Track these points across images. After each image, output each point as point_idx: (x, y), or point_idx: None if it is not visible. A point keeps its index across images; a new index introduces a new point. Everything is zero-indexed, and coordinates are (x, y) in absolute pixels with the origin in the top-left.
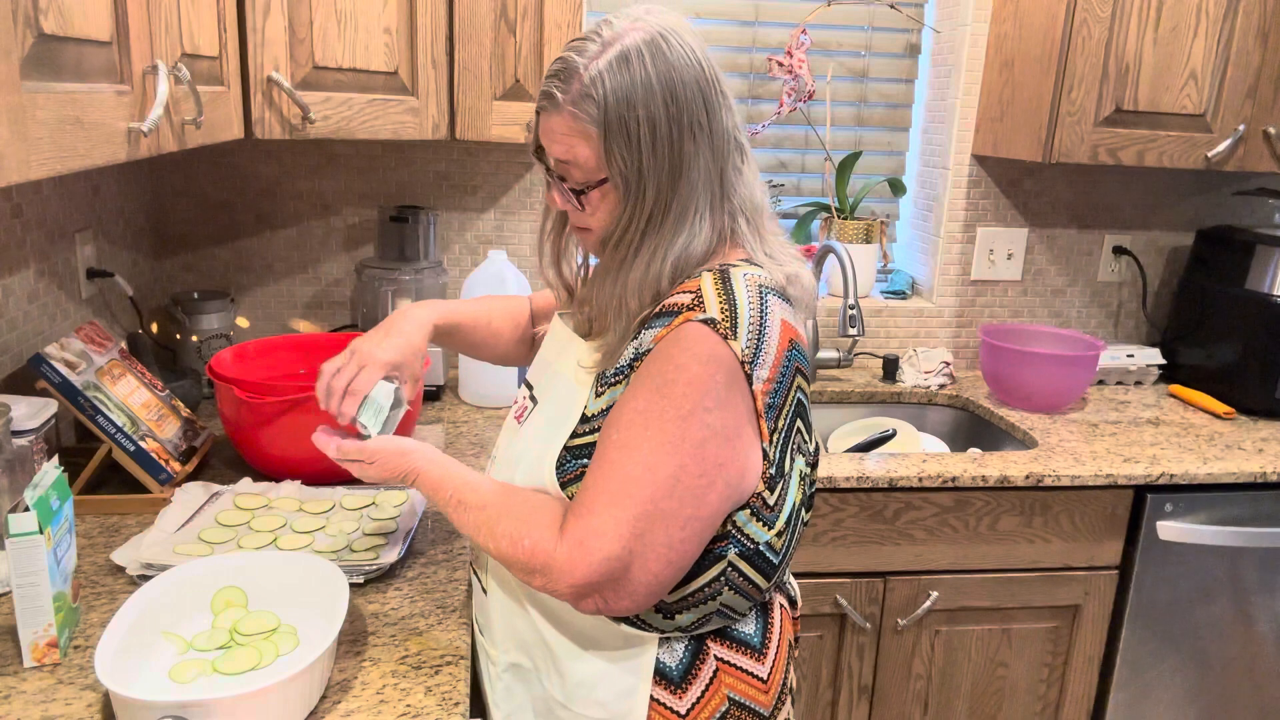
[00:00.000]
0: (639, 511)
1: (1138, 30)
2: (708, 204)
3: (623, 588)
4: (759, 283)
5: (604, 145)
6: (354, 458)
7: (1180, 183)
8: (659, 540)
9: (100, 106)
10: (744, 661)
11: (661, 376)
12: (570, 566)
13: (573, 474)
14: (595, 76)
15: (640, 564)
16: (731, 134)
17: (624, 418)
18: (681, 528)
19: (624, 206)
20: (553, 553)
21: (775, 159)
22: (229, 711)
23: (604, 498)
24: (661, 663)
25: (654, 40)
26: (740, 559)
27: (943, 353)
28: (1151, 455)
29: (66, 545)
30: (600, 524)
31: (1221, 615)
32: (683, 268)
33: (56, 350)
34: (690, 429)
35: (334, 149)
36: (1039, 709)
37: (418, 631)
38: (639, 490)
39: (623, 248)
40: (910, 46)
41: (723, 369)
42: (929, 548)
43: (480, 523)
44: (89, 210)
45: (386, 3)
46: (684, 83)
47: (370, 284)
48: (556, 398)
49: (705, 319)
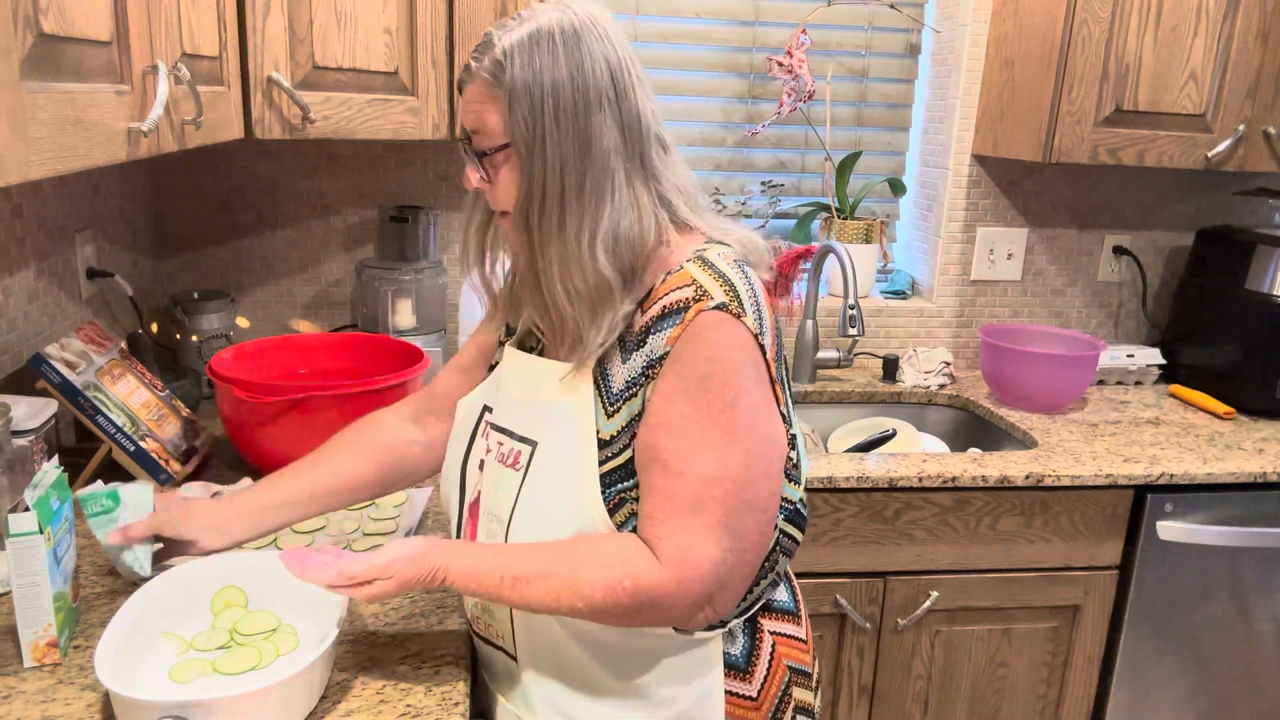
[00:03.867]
0: (727, 509)
1: (1138, 30)
2: (627, 181)
3: (729, 588)
4: (733, 258)
5: (509, 109)
6: (365, 578)
7: (1180, 183)
8: (751, 529)
9: (100, 106)
10: (789, 628)
11: (696, 374)
12: (683, 588)
13: (612, 502)
14: (507, 48)
15: (740, 559)
16: (649, 122)
17: (673, 426)
18: (764, 510)
19: (529, 171)
20: (660, 581)
21: (775, 159)
22: (229, 711)
23: (685, 510)
24: (728, 654)
25: (568, 22)
26: (786, 522)
27: (943, 353)
28: (1151, 455)
29: (66, 545)
30: (694, 536)
31: (1221, 615)
32: (619, 245)
33: (56, 350)
34: (741, 414)
35: (334, 149)
36: (1039, 709)
37: (418, 631)
38: (719, 489)
39: (545, 222)
40: (910, 46)
41: (746, 347)
42: (929, 548)
43: (556, 589)
44: (89, 210)
45: (386, 3)
46: (593, 61)
47: (370, 284)
48: (558, 432)
49: (716, 305)
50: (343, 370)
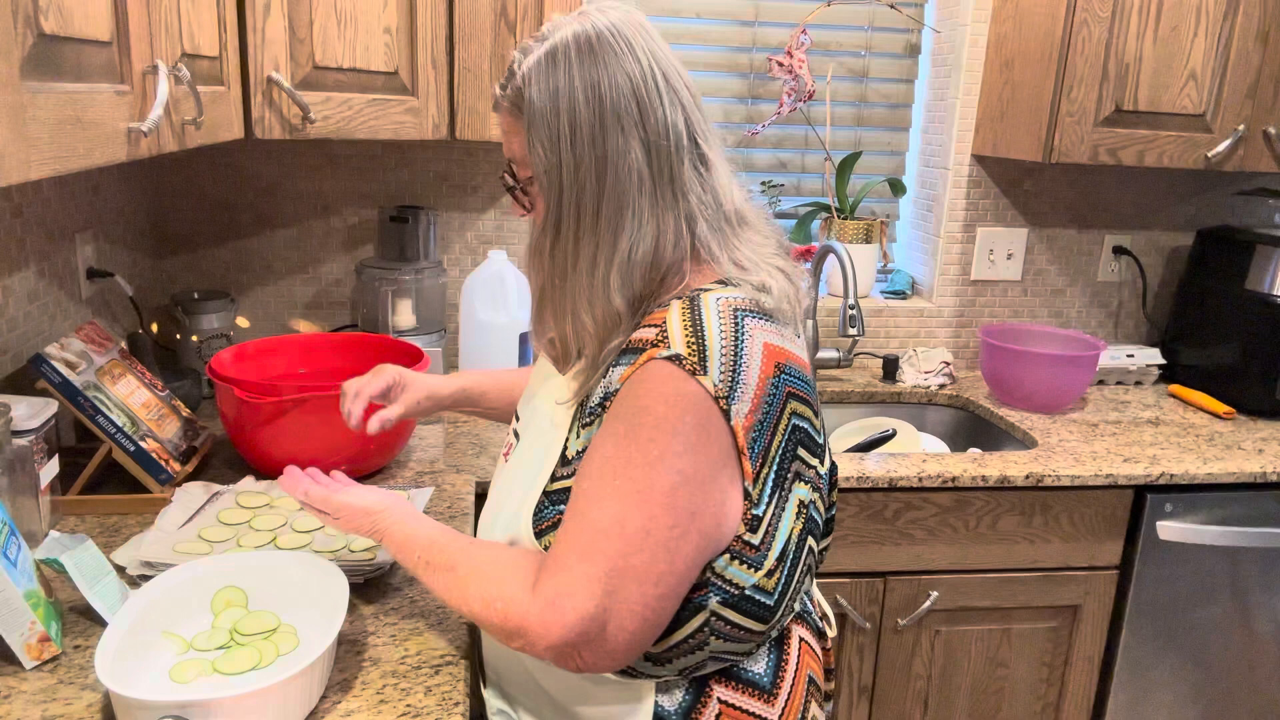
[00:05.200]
0: (609, 568)
1: (1138, 30)
2: (649, 203)
3: (600, 647)
4: (733, 306)
5: (528, 139)
6: (318, 508)
7: (1180, 183)
8: (632, 597)
9: (100, 106)
10: (750, 704)
11: (628, 420)
12: (544, 628)
13: (549, 521)
14: (525, 74)
15: (616, 622)
16: (682, 131)
17: (594, 465)
18: (655, 584)
19: (549, 203)
20: (526, 613)
21: (775, 159)
22: (229, 711)
23: (574, 553)
24: (660, 707)
25: (585, 36)
26: (724, 606)
27: (943, 353)
28: (1151, 455)
29: (15, 546)
30: (571, 582)
31: (1221, 615)
32: (634, 273)
33: (57, 350)
34: (658, 476)
35: (334, 149)
36: (1039, 709)
37: (418, 631)
38: (608, 545)
39: (559, 254)
40: (910, 46)
41: (691, 408)
42: (929, 548)
43: (449, 586)
44: (89, 210)
45: (386, 3)
46: (610, 77)
47: (370, 284)
48: (535, 436)
49: (669, 355)
50: (343, 370)
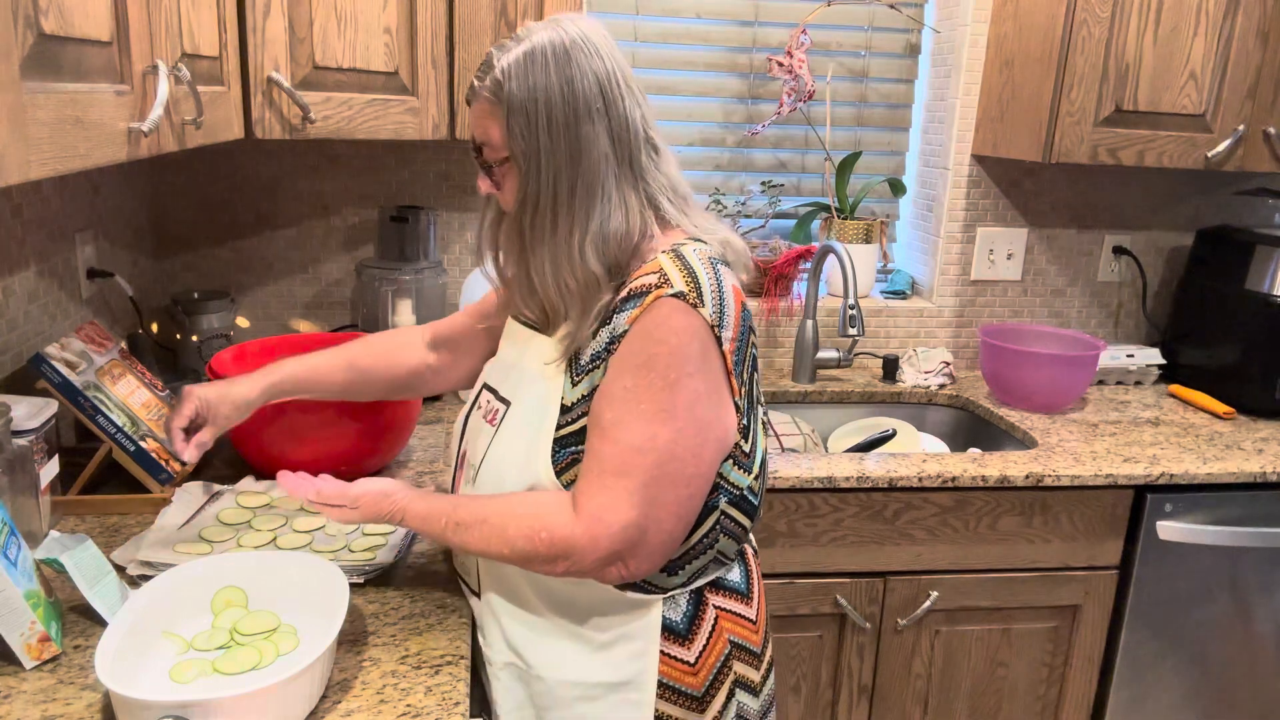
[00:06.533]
0: (647, 478)
1: (1138, 30)
2: (616, 184)
3: (641, 550)
4: (708, 255)
5: (507, 125)
6: (336, 502)
7: (1180, 183)
8: (669, 501)
9: (100, 106)
10: (737, 607)
11: (644, 353)
12: (593, 542)
13: (564, 462)
14: (505, 67)
15: (655, 526)
16: (640, 127)
17: (615, 397)
18: (686, 485)
19: (525, 181)
20: (571, 533)
21: (775, 159)
22: (229, 711)
23: (610, 473)
24: (668, 619)
25: (559, 40)
26: (730, 505)
27: (943, 353)
28: (1151, 455)
29: (15, 546)
30: (613, 497)
31: (1221, 615)
32: (608, 244)
33: (57, 350)
34: (679, 395)
35: (334, 149)
36: (1039, 709)
37: (418, 631)
38: (643, 459)
39: (538, 226)
40: (910, 46)
41: (697, 336)
42: (929, 548)
43: (487, 535)
44: (89, 210)
45: (386, 3)
46: (583, 75)
47: (370, 284)
48: (530, 395)
49: (675, 293)
50: None
